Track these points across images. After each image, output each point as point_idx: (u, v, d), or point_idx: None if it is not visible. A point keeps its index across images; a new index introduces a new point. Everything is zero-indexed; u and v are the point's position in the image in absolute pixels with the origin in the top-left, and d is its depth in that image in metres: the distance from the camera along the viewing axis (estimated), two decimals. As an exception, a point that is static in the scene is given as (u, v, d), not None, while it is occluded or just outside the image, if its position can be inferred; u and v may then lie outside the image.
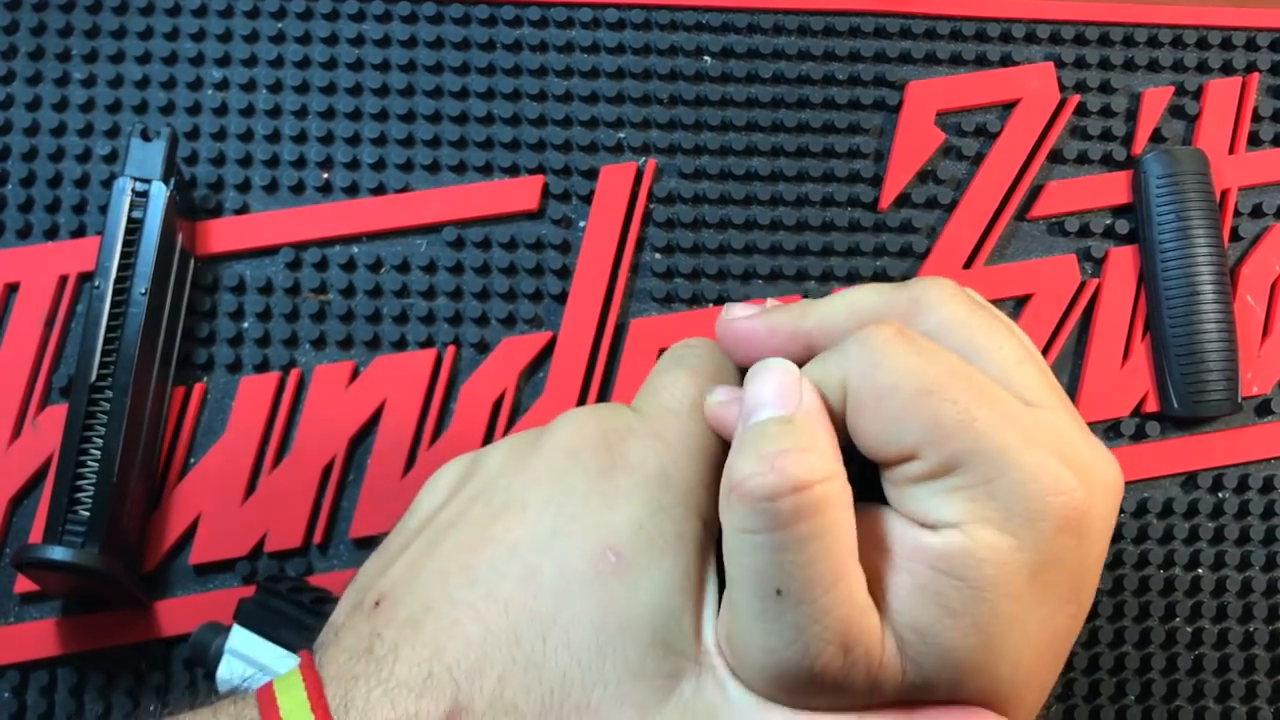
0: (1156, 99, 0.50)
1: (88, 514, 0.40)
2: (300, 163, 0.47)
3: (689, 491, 0.26)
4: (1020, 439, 0.23)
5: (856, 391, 0.24)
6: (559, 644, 0.24)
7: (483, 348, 0.46)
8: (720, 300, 0.47)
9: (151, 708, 0.42)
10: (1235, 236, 0.49)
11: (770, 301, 0.29)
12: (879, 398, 0.24)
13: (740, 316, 0.28)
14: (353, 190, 0.47)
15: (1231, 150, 0.50)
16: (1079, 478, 0.23)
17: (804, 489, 0.23)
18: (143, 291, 0.42)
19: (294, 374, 0.45)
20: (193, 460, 0.44)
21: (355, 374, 0.45)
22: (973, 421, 0.23)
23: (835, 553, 0.23)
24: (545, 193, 0.47)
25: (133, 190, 0.42)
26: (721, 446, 0.27)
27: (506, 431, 0.45)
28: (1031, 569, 0.23)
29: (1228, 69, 0.51)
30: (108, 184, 0.46)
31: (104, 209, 0.44)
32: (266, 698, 0.25)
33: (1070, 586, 0.24)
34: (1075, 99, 0.50)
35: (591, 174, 0.48)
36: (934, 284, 0.26)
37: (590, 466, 0.26)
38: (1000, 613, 0.23)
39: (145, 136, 0.43)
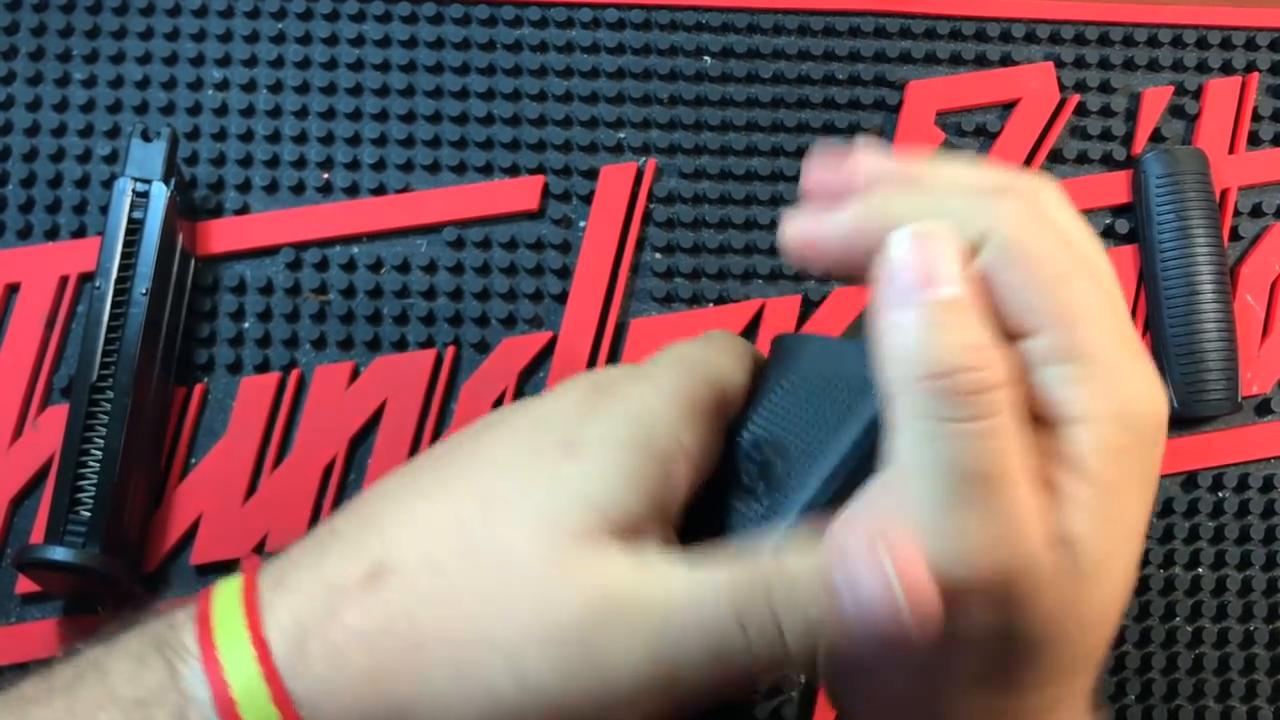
0: (1156, 99, 0.50)
1: (89, 514, 0.40)
2: (300, 163, 0.47)
3: (669, 423, 0.27)
4: (1134, 350, 0.24)
5: (1003, 249, 0.24)
6: (500, 515, 0.26)
7: (483, 348, 0.46)
8: (721, 300, 0.47)
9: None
10: (1235, 236, 0.49)
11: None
12: (1027, 264, 0.24)
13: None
14: (353, 190, 0.47)
15: (1231, 150, 0.50)
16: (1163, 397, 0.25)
17: (997, 387, 0.23)
18: (143, 292, 0.42)
19: (294, 374, 0.45)
20: (194, 460, 0.44)
21: (355, 374, 0.45)
22: (1103, 318, 0.24)
23: (1020, 449, 0.23)
24: (545, 193, 0.47)
25: (133, 191, 0.42)
26: (714, 398, 0.28)
27: (507, 431, 0.45)
28: (1141, 475, 0.24)
29: (1227, 69, 0.51)
30: (108, 184, 0.46)
31: (105, 209, 0.44)
32: (206, 592, 0.26)
33: (1148, 502, 0.25)
34: (1075, 99, 0.50)
35: (591, 174, 0.48)
36: (1047, 187, 0.26)
37: (577, 399, 0.28)
38: (1127, 515, 0.24)
39: (146, 137, 0.43)
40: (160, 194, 0.43)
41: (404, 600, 0.25)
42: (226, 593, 0.26)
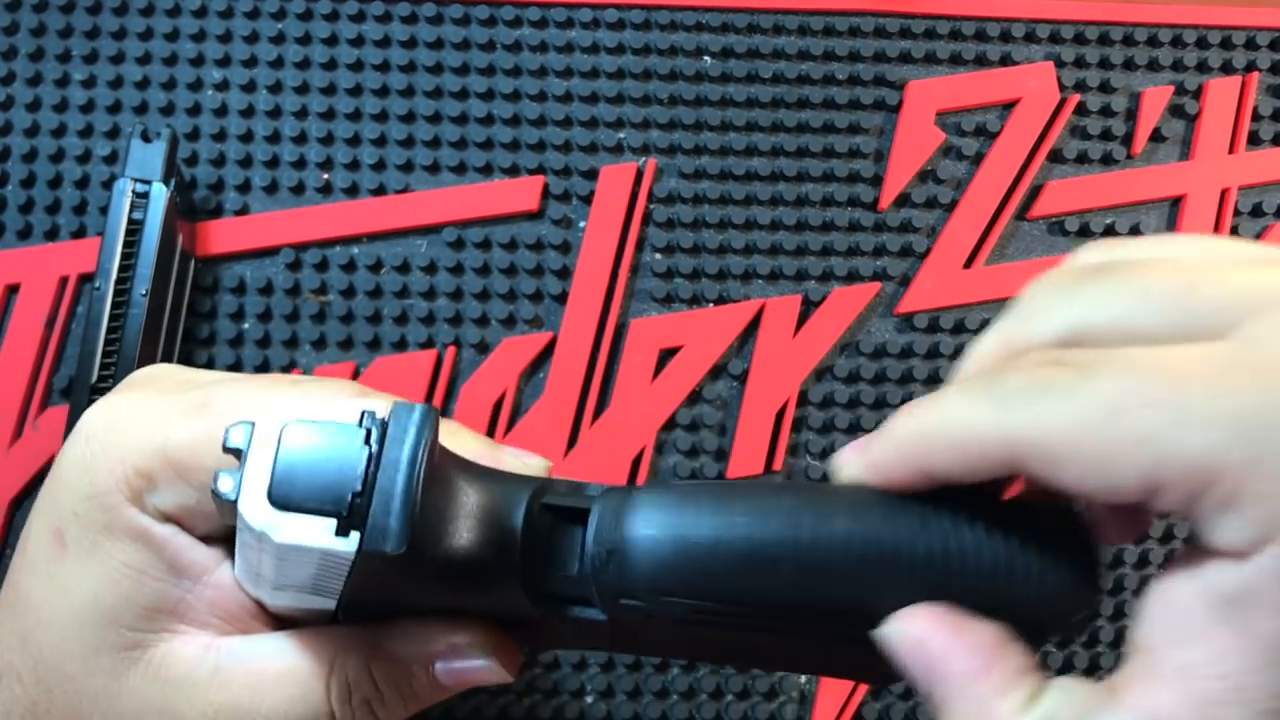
0: (1156, 99, 0.50)
1: (89, 515, 0.40)
2: (300, 163, 0.47)
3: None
4: None
5: None
6: (35, 623, 0.27)
7: (483, 348, 0.46)
8: (721, 300, 0.47)
9: None
10: (1235, 236, 0.49)
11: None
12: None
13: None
14: (353, 191, 0.47)
15: (1231, 150, 0.50)
16: None
17: None
18: (143, 293, 0.42)
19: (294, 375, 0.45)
20: (193, 461, 0.44)
21: (356, 375, 0.45)
22: None
23: None
24: (545, 193, 0.47)
25: (133, 191, 0.42)
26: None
27: (507, 432, 0.45)
28: None
29: (1227, 68, 0.51)
30: (108, 185, 0.46)
31: (104, 210, 0.44)
32: None
33: None
34: (1075, 99, 0.50)
35: (591, 174, 0.48)
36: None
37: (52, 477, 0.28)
38: None
39: (145, 137, 0.43)
40: (160, 194, 0.43)
41: (17, 708, 0.27)
42: None
